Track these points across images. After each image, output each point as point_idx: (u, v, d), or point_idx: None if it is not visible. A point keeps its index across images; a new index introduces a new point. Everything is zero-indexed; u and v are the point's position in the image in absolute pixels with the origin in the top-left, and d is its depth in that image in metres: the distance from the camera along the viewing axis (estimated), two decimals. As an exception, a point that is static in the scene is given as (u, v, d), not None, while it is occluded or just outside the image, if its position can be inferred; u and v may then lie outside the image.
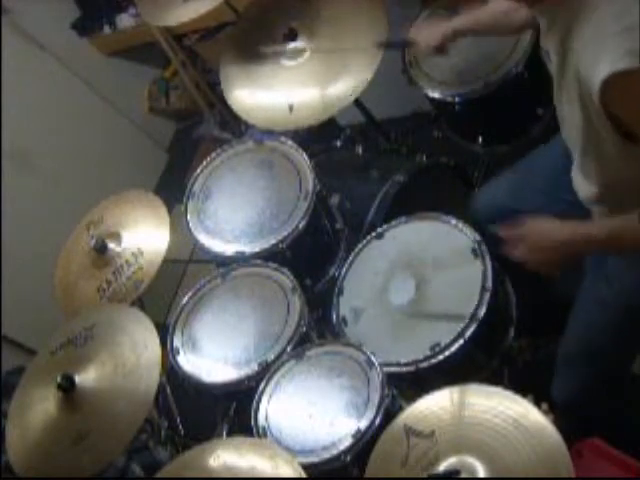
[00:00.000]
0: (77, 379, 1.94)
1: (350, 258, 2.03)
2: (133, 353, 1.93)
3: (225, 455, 1.66)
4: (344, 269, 2.02)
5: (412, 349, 1.77)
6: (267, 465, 1.60)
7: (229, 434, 1.98)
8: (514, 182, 1.96)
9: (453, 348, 1.73)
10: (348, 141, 2.57)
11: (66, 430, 1.91)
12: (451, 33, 1.92)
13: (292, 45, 2.28)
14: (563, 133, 1.55)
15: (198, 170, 2.31)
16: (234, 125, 3.46)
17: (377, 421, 1.67)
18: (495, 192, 2.01)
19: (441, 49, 1.96)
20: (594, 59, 1.25)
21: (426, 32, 2.00)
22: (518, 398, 1.44)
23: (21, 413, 2.03)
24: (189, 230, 2.20)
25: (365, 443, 1.65)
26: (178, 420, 2.27)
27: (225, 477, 1.63)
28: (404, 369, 1.76)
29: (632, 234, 1.37)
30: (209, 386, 1.96)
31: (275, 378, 1.86)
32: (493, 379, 1.72)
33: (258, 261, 2.08)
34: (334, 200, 2.27)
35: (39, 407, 1.99)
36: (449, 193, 2.35)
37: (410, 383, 1.79)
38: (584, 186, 1.55)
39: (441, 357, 1.74)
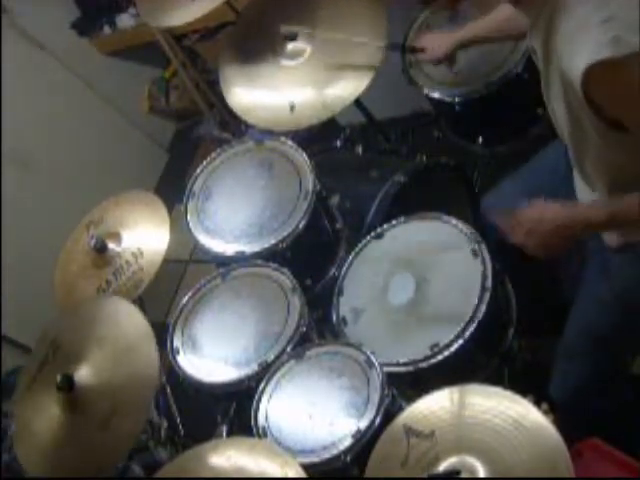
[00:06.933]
0: (75, 377, 1.92)
1: (350, 258, 2.03)
2: (122, 336, 1.94)
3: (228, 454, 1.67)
4: (344, 269, 2.02)
5: (412, 349, 1.77)
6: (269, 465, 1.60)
7: (229, 434, 1.97)
8: (522, 187, 1.93)
9: (453, 348, 1.73)
10: (348, 141, 2.57)
11: (85, 424, 1.90)
12: (457, 44, 2.02)
13: (292, 45, 2.28)
14: (557, 130, 1.55)
15: (198, 170, 2.30)
16: (234, 125, 3.46)
17: (377, 421, 1.66)
18: (503, 198, 1.99)
19: (448, 59, 2.08)
20: (575, 50, 1.25)
21: (433, 43, 2.10)
22: (518, 398, 1.44)
23: (27, 426, 2.01)
24: (189, 230, 2.19)
25: (365, 443, 1.65)
26: (178, 420, 2.26)
27: (225, 477, 1.63)
28: (404, 369, 1.76)
29: (633, 216, 1.36)
30: (209, 386, 1.96)
31: (275, 378, 1.86)
32: (493, 379, 1.73)
33: (258, 261, 2.08)
34: (334, 200, 2.27)
35: (45, 415, 1.97)
36: (449, 193, 2.35)
37: (410, 383, 1.79)
38: (584, 190, 1.55)
39: (441, 357, 1.74)
